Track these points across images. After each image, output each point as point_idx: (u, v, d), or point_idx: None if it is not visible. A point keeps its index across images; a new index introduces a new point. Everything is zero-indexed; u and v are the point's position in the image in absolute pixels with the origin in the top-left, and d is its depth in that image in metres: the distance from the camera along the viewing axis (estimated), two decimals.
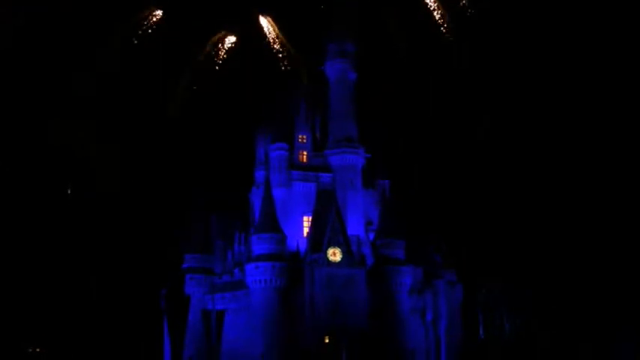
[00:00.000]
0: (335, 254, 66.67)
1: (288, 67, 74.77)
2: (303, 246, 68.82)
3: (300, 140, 76.79)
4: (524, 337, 71.33)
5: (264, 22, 76.28)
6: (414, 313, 70.68)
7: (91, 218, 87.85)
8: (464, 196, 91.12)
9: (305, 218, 73.27)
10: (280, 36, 72.98)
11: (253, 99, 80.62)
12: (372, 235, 73.11)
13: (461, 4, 71.15)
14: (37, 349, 79.83)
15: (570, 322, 71.82)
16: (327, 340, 63.94)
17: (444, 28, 71.62)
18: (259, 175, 75.69)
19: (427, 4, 72.70)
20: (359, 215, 74.38)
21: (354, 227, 72.62)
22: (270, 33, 74.25)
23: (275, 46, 72.60)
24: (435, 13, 71.06)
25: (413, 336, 69.24)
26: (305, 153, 76.78)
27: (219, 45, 72.17)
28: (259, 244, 66.82)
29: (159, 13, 70.61)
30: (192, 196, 73.70)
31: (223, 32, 74.10)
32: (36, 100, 78.94)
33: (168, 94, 70.13)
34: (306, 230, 71.98)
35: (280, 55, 73.59)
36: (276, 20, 75.85)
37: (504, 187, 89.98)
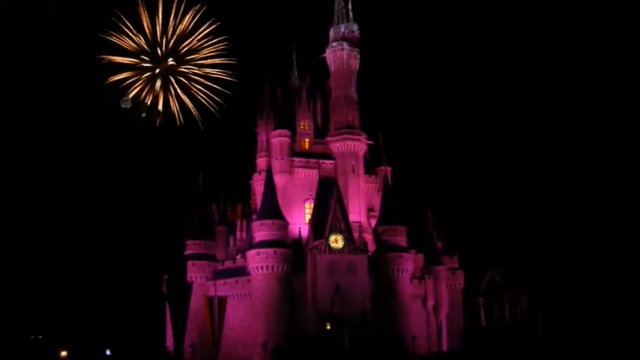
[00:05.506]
0: (337, 241, 66.66)
1: None
2: (304, 232, 68.81)
3: (301, 127, 76.54)
4: (525, 323, 71.44)
5: None
6: (416, 299, 70.74)
7: (94, 205, 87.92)
8: (466, 183, 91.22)
9: (307, 205, 73.35)
10: None
11: (256, 86, 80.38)
12: (373, 222, 73.12)
13: None
14: (40, 337, 80.00)
15: (572, 308, 71.91)
16: (328, 327, 63.98)
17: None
18: (261, 161, 75.61)
19: None
20: (361, 202, 74.37)
21: (356, 214, 72.70)
22: None
23: None
24: None
25: (414, 322, 69.28)
26: (307, 140, 76.60)
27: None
28: (261, 231, 66.77)
29: None
30: (195, 182, 73.59)
31: None
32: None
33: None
34: (307, 217, 71.98)
35: None
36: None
37: (506, 173, 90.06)
